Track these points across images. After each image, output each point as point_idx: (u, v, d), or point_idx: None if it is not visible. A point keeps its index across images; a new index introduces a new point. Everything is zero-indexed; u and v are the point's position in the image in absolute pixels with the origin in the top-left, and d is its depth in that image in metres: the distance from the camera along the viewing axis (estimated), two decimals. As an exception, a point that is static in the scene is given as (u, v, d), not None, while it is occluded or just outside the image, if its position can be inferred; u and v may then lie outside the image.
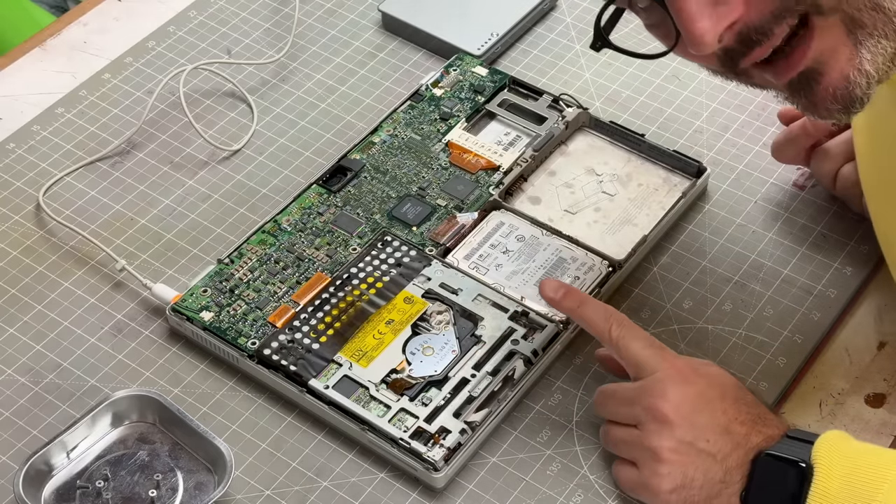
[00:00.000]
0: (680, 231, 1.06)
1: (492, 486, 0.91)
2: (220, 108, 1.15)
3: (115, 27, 1.23)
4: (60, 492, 0.89)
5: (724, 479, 0.84)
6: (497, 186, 1.05)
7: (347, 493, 0.90)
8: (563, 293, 0.93)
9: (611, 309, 0.92)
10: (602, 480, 0.91)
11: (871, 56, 0.76)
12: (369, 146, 1.09)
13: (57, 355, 0.98)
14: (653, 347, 0.89)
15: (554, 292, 0.94)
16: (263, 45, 1.21)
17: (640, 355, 0.89)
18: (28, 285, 1.02)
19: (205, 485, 0.89)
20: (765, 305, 1.01)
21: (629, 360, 0.90)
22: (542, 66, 1.19)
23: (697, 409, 0.86)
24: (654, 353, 0.89)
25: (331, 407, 0.92)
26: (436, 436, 0.90)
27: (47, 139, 1.12)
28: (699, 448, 0.85)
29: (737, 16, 0.76)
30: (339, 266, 1.00)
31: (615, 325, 0.90)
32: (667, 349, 0.90)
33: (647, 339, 0.90)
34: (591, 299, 0.94)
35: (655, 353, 0.89)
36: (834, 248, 1.04)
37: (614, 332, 0.90)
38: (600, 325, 0.91)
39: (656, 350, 0.89)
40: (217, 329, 0.96)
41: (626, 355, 0.90)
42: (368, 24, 1.23)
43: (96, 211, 1.07)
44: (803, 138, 1.03)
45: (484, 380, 0.93)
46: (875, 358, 0.98)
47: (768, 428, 0.85)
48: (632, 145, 1.09)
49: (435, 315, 0.97)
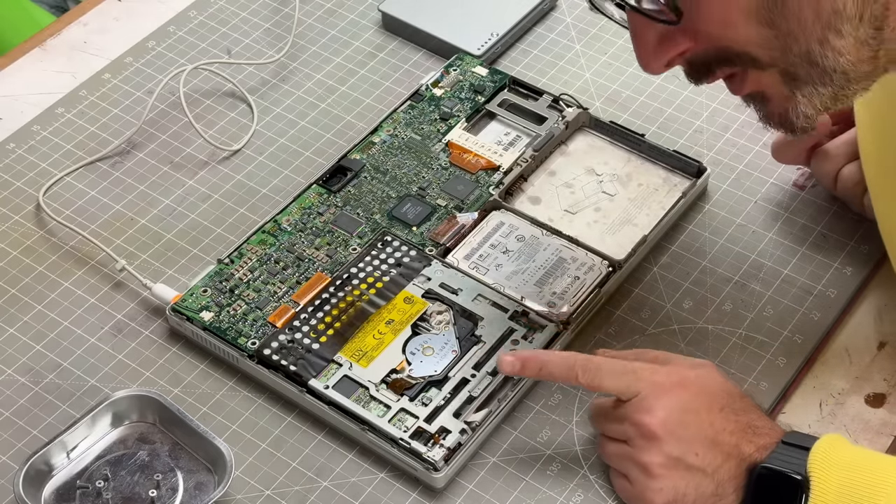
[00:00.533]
0: (680, 231, 1.06)
1: (492, 486, 0.91)
2: (220, 108, 1.15)
3: (115, 27, 1.23)
4: (60, 492, 0.89)
5: (717, 492, 0.85)
6: (497, 186, 1.05)
7: (347, 493, 0.90)
8: (520, 366, 0.90)
9: (572, 357, 0.90)
10: (602, 480, 0.91)
11: (806, 100, 0.79)
12: (369, 146, 1.09)
13: (57, 355, 0.98)
14: (625, 374, 0.88)
15: (511, 367, 0.91)
16: (263, 45, 1.21)
17: (614, 388, 0.88)
18: (28, 285, 1.02)
19: (205, 485, 0.89)
20: (765, 305, 1.01)
21: (608, 394, 0.89)
22: (542, 66, 1.19)
23: (684, 422, 0.85)
24: (627, 379, 0.87)
25: (331, 407, 0.92)
26: (436, 436, 0.90)
27: (47, 139, 1.12)
28: (688, 463, 0.85)
29: (682, 50, 0.80)
30: (339, 266, 1.00)
31: (581, 372, 0.88)
32: (641, 368, 0.88)
33: (616, 367, 0.88)
34: (550, 356, 0.90)
35: (629, 379, 0.87)
36: (834, 248, 1.04)
37: (582, 379, 0.88)
38: (567, 376, 0.89)
39: (629, 375, 0.88)
40: (217, 329, 0.96)
41: (603, 392, 0.89)
42: (368, 24, 1.23)
43: (96, 211, 1.07)
44: (803, 139, 1.03)
45: (484, 380, 0.93)
46: (875, 358, 0.98)
47: (759, 437, 0.85)
48: (632, 145, 1.09)
49: (435, 315, 0.97)
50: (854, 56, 0.76)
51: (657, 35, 0.79)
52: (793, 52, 0.76)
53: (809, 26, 0.75)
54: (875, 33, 0.75)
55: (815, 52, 0.76)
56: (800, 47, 0.76)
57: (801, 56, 0.76)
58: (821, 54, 0.76)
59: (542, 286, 0.99)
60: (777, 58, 0.77)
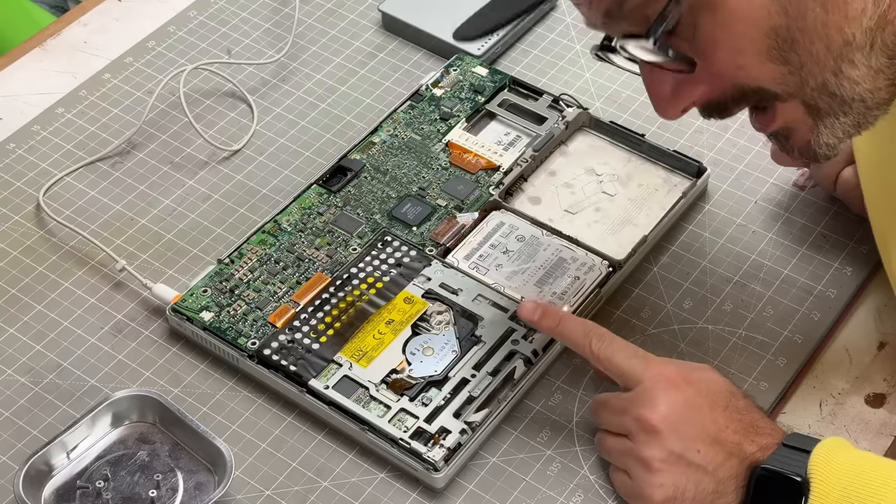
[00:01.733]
0: (680, 231, 1.06)
1: (492, 486, 0.91)
2: (220, 108, 1.15)
3: (115, 27, 1.23)
4: (60, 492, 0.89)
5: (717, 490, 0.84)
6: (497, 186, 1.06)
7: (347, 493, 0.90)
8: (540, 313, 0.92)
9: (590, 324, 0.91)
10: (602, 480, 0.91)
11: (829, 131, 0.80)
12: (369, 146, 1.09)
13: (57, 355, 0.98)
14: (636, 357, 0.89)
15: (531, 314, 0.92)
16: (263, 45, 1.21)
17: (623, 366, 0.88)
18: (28, 285, 1.02)
19: (205, 485, 0.89)
20: (765, 305, 1.01)
21: (613, 372, 0.89)
22: (542, 66, 1.19)
23: (687, 419, 0.85)
24: (637, 362, 0.88)
25: (331, 407, 0.92)
26: (436, 436, 0.90)
27: (47, 139, 1.12)
28: (689, 460, 0.85)
29: (696, 98, 0.81)
30: (339, 266, 1.00)
31: (595, 340, 0.89)
32: (651, 357, 0.89)
33: (630, 349, 0.89)
34: (570, 316, 0.92)
35: (639, 363, 0.88)
36: (834, 248, 1.04)
37: (594, 347, 0.89)
38: (580, 340, 0.90)
39: (640, 359, 0.88)
40: (217, 329, 0.96)
41: (610, 367, 0.89)
42: (368, 24, 1.23)
43: (96, 211, 1.07)
44: None
45: (484, 380, 0.93)
46: (875, 358, 0.98)
47: (762, 436, 0.85)
48: (632, 145, 1.09)
49: (435, 315, 0.97)
50: (871, 84, 0.77)
51: (672, 84, 0.80)
52: (809, 86, 0.77)
53: (822, 59, 0.75)
54: (889, 62, 0.76)
55: (831, 84, 0.77)
56: (815, 80, 0.77)
57: (819, 88, 0.77)
58: (837, 85, 0.76)
59: (542, 286, 0.99)
60: (795, 91, 0.78)
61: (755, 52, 0.76)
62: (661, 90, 0.81)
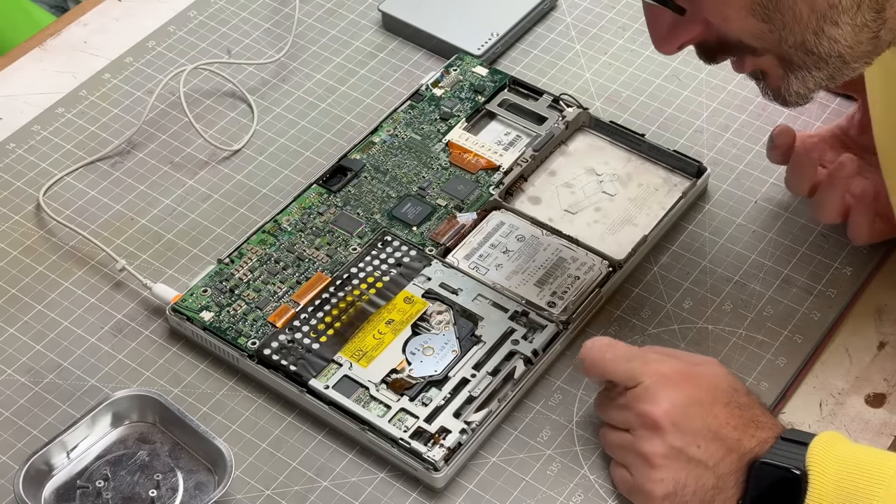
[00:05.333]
0: (680, 231, 1.06)
1: (492, 486, 0.91)
2: (220, 108, 1.15)
3: (115, 27, 1.23)
4: (60, 492, 0.89)
5: (717, 485, 0.85)
6: (497, 186, 1.06)
7: (347, 493, 0.90)
8: None
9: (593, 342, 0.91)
10: (602, 480, 0.91)
11: (799, 82, 0.83)
12: (369, 146, 1.09)
13: (57, 355, 0.98)
14: (634, 359, 0.89)
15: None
16: (263, 45, 1.21)
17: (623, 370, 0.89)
18: (28, 285, 1.02)
19: (205, 485, 0.89)
20: (765, 305, 1.01)
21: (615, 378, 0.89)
22: (542, 66, 1.19)
23: (688, 414, 0.86)
24: (634, 364, 0.88)
25: (331, 407, 0.92)
26: (436, 436, 0.90)
27: (47, 139, 1.12)
28: (690, 455, 0.85)
29: (690, 38, 0.84)
30: (339, 266, 1.00)
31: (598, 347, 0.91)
32: (650, 355, 0.89)
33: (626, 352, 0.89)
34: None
35: (636, 364, 0.88)
36: (834, 248, 1.04)
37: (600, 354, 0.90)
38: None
39: (637, 360, 0.89)
40: (217, 329, 0.96)
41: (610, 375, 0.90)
42: (368, 24, 1.23)
43: (96, 211, 1.07)
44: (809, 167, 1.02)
45: (484, 380, 0.93)
46: (875, 358, 0.98)
47: (762, 431, 0.85)
48: (632, 145, 1.09)
49: (435, 315, 0.97)
50: (852, 41, 0.78)
51: (669, 21, 0.83)
52: (787, 43, 0.79)
53: (804, 19, 0.77)
54: (875, 16, 0.77)
55: (809, 42, 0.79)
56: (795, 38, 0.79)
57: (796, 46, 0.79)
58: (816, 43, 0.79)
59: (542, 286, 0.99)
60: (771, 47, 0.81)
61: (740, 5, 0.78)
62: (659, 25, 0.85)
